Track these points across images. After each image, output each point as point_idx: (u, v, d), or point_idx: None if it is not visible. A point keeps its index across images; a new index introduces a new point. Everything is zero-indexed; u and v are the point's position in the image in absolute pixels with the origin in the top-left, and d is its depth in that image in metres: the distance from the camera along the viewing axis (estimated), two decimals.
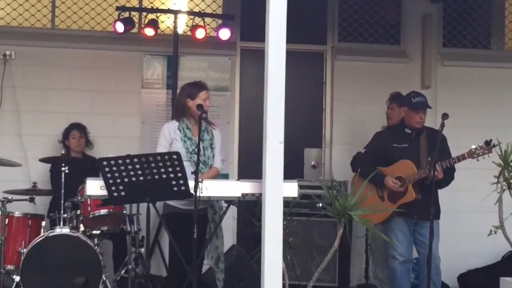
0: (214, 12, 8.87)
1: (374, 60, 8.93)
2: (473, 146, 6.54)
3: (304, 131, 8.91)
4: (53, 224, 6.99)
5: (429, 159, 6.52)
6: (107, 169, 5.29)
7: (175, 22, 8.35)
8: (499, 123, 8.64)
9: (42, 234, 6.75)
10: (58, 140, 7.97)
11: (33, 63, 8.39)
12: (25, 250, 6.60)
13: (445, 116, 6.40)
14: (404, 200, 6.67)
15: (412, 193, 6.65)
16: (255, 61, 8.58)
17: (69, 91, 8.41)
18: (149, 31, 8.29)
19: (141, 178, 5.32)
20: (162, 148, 6.13)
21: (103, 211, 6.93)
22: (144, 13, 8.49)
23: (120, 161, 5.29)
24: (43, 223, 7.04)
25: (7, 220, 6.94)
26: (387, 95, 7.84)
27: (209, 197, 5.55)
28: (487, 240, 6.14)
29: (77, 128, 7.99)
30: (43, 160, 7.35)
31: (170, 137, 6.18)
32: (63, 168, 6.82)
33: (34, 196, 7.19)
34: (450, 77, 9.00)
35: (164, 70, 8.62)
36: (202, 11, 8.76)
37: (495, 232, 6.01)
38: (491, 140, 6.50)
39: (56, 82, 8.41)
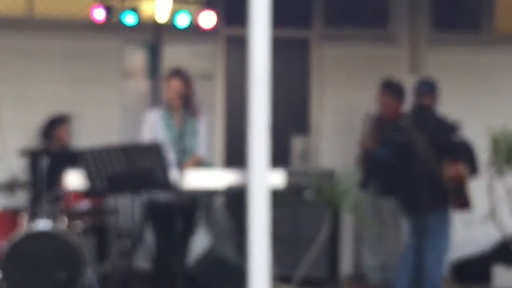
0: None
1: (361, 45, 8.88)
2: None
3: (291, 119, 8.88)
4: (34, 218, 6.84)
5: None
6: (88, 160, 5.31)
7: (156, 9, 8.24)
8: (489, 108, 8.68)
9: (23, 228, 6.68)
10: (41, 127, 7.85)
11: (11, 53, 8.31)
12: (6, 245, 6.50)
13: None
14: None
15: None
16: (239, 48, 8.47)
17: (48, 81, 8.36)
18: (130, 19, 8.19)
19: (122, 169, 5.33)
20: (146, 135, 6.22)
21: (85, 204, 6.91)
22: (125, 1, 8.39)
23: (100, 153, 5.30)
24: (24, 217, 6.89)
25: None
26: (375, 81, 7.83)
27: (192, 188, 5.53)
28: (479, 227, 6.14)
29: (68, 121, 7.93)
30: (23, 152, 7.26)
31: (153, 124, 6.26)
32: (43, 160, 6.72)
33: (14, 189, 7.11)
34: (439, 61, 8.93)
35: (146, 58, 8.59)
36: None
37: (490, 219, 6.03)
38: None
39: (35, 72, 8.35)
